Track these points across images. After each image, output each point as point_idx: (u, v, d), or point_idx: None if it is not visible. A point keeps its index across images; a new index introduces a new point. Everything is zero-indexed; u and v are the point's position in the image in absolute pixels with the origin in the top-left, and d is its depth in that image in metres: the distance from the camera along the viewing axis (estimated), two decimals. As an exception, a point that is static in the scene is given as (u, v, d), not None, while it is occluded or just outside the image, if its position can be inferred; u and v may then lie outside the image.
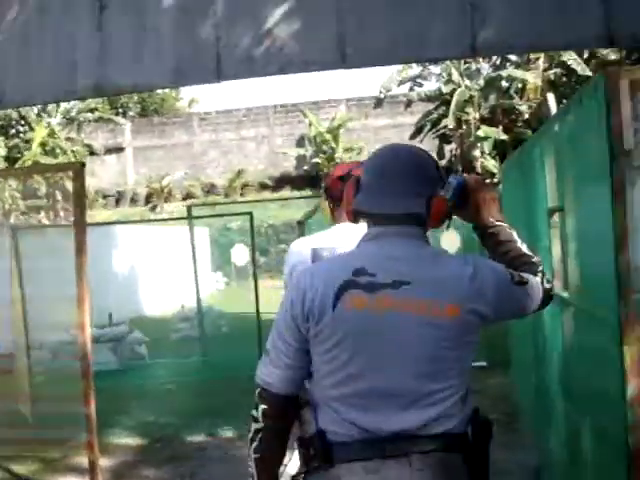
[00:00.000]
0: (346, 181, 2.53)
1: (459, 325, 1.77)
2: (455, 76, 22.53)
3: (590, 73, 20.42)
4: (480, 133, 22.55)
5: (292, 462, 2.55)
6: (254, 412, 1.84)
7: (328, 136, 26.39)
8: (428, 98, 23.87)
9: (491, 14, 7.98)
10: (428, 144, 26.20)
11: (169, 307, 14.42)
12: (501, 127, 23.06)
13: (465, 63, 21.91)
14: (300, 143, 28.98)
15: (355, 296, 1.75)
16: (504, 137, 22.63)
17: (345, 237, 2.47)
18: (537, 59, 21.12)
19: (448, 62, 21.06)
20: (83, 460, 5.34)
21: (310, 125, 26.93)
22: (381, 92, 23.57)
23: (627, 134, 2.40)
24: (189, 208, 10.53)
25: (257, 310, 6.41)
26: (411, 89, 24.23)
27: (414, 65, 21.87)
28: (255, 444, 1.85)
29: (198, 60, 8.82)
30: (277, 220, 22.07)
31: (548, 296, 1.93)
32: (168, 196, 27.52)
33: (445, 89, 23.08)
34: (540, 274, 1.91)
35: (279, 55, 8.47)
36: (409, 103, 24.67)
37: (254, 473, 1.88)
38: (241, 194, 27.34)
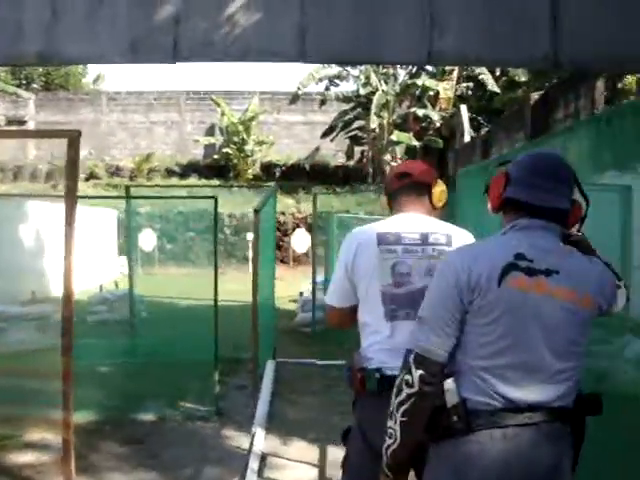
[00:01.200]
0: (401, 180, 2.80)
1: (590, 314, 2.06)
2: (373, 79, 23.07)
3: (498, 90, 21.44)
4: (393, 137, 23.18)
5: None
6: (407, 377, 1.98)
7: (240, 127, 26.37)
8: (345, 98, 24.33)
9: (449, 27, 8.37)
10: (339, 144, 26.72)
11: (77, 288, 14.04)
12: (412, 133, 23.78)
13: (383, 68, 22.47)
14: (210, 132, 28.80)
15: (517, 277, 1.97)
16: (415, 143, 23.36)
17: (404, 224, 2.69)
18: (452, 71, 21.94)
19: (368, 65, 21.53)
20: (39, 437, 5.33)
21: (222, 115, 26.80)
22: (299, 88, 23.84)
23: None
24: (127, 188, 10.38)
25: (215, 298, 6.46)
26: (327, 88, 24.62)
27: (333, 64, 22.22)
28: (405, 407, 1.98)
29: (155, 39, 8.74)
30: (186, 208, 21.87)
31: (627, 299, 2.22)
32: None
33: (363, 91, 23.60)
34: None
35: (239, 42, 8.54)
36: (324, 101, 25.04)
37: (397, 436, 2.02)
38: (147, 179, 26.88)
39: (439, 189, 2.82)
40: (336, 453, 5.15)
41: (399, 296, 2.59)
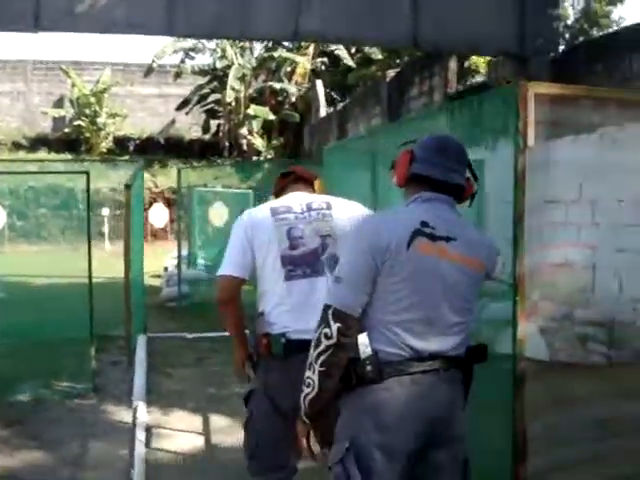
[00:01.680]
0: (286, 177, 3.13)
1: (481, 277, 2.37)
2: (230, 52, 22.94)
3: (353, 64, 22.00)
4: (250, 111, 23.22)
5: None
6: (326, 330, 2.16)
7: (92, 99, 25.42)
8: (201, 71, 24.06)
9: (314, 5, 8.61)
10: (194, 117, 26.40)
11: None
12: (268, 107, 23.92)
13: (240, 41, 22.40)
14: (59, 104, 27.56)
15: (423, 242, 2.21)
16: (272, 117, 23.52)
17: (291, 199, 3.02)
18: (308, 46, 22.21)
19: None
20: None
21: (73, 86, 25.71)
22: (154, 61, 23.34)
23: (530, 134, 3.05)
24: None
25: (90, 274, 6.36)
26: (182, 61, 24.24)
27: (188, 37, 21.90)
28: (323, 357, 2.17)
29: (15, 6, 8.38)
30: (38, 183, 20.93)
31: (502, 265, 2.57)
32: None
33: (219, 64, 23.43)
34: None
35: (103, 14, 8.39)
36: (179, 74, 24.64)
37: (315, 385, 2.20)
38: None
39: (318, 181, 3.19)
40: (217, 421, 5.35)
41: (295, 257, 2.86)
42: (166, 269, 11.89)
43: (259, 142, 23.75)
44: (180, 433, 5.10)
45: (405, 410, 2.19)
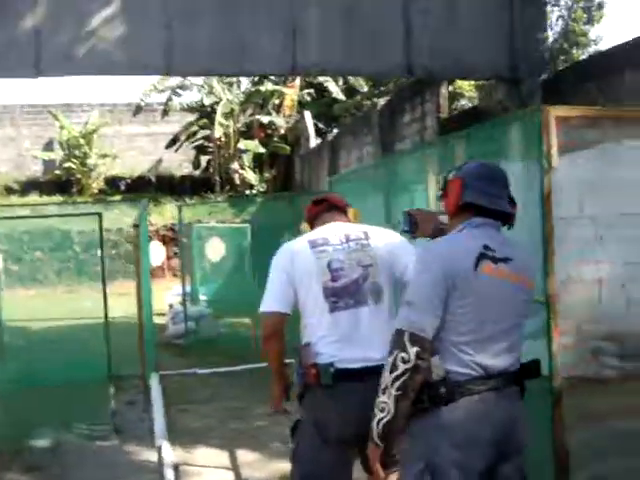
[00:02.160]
0: (318, 205, 3.18)
1: (532, 294, 2.53)
2: (217, 88, 23.12)
3: (342, 95, 22.25)
4: (241, 146, 23.35)
5: None
6: (403, 354, 2.22)
7: (82, 140, 25.49)
8: (189, 108, 24.22)
9: (311, 39, 8.75)
10: (184, 154, 26.52)
11: None
12: (257, 140, 24.08)
13: (227, 76, 22.59)
14: (49, 147, 27.61)
15: (487, 265, 2.33)
16: (262, 150, 23.66)
17: (328, 230, 3.07)
18: (294, 78, 22.42)
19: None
20: None
21: (62, 128, 25.79)
22: (141, 100, 23.49)
23: (554, 155, 3.14)
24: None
25: (106, 314, 6.37)
26: (169, 99, 24.38)
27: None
28: (400, 381, 2.22)
29: (15, 53, 8.47)
30: (30, 226, 20.90)
31: None
32: None
33: (207, 101, 23.60)
34: None
35: (102, 56, 8.49)
36: (166, 112, 24.76)
37: (390, 409, 2.24)
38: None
39: (353, 210, 3.27)
40: (244, 455, 5.35)
41: (337, 289, 2.90)
42: (171, 306, 11.89)
43: (251, 176, 23.85)
44: (208, 469, 5.12)
45: (477, 428, 2.28)
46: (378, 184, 4.89)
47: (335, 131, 22.98)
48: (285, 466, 4.98)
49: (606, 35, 50.74)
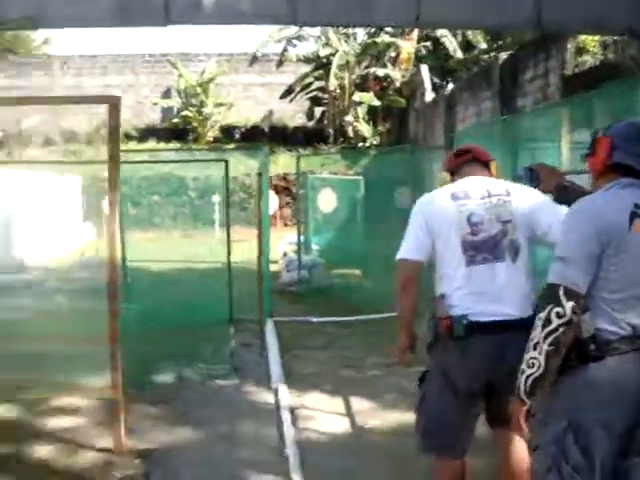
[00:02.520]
0: (460, 156, 3.18)
1: None
2: (333, 39, 23.05)
3: (460, 51, 21.74)
4: (356, 98, 23.28)
5: None
6: (558, 309, 2.23)
7: (198, 89, 26.10)
8: (305, 59, 24.29)
9: (437, -10, 8.46)
10: (298, 105, 26.71)
11: (51, 255, 13.88)
12: (372, 93, 23.93)
13: (352, 27, 22.46)
14: (167, 95, 28.42)
15: (638, 223, 2.30)
16: (377, 103, 23.52)
17: (470, 184, 3.07)
18: (411, 31, 22.05)
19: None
20: (66, 402, 5.40)
21: (180, 77, 26.47)
22: (258, 50, 23.73)
23: None
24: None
25: (228, 260, 6.56)
26: (285, 49, 24.50)
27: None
28: (554, 336, 2.23)
29: (146, 2, 8.67)
30: (149, 172, 21.64)
31: None
32: (26, 141, 26.17)
33: (323, 52, 23.60)
34: None
35: (230, 6, 8.58)
36: (281, 62, 24.92)
37: (541, 364, 2.26)
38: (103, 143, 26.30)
39: (495, 164, 3.25)
40: (357, 403, 5.47)
41: (476, 243, 2.92)
42: (285, 254, 12.15)
43: (365, 128, 23.79)
44: (322, 414, 5.25)
45: (622, 388, 2.27)
46: (506, 139, 4.79)
47: (450, 85, 22.53)
48: (398, 415, 5.13)
49: None
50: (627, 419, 2.28)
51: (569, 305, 2.23)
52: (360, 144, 23.66)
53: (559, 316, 2.23)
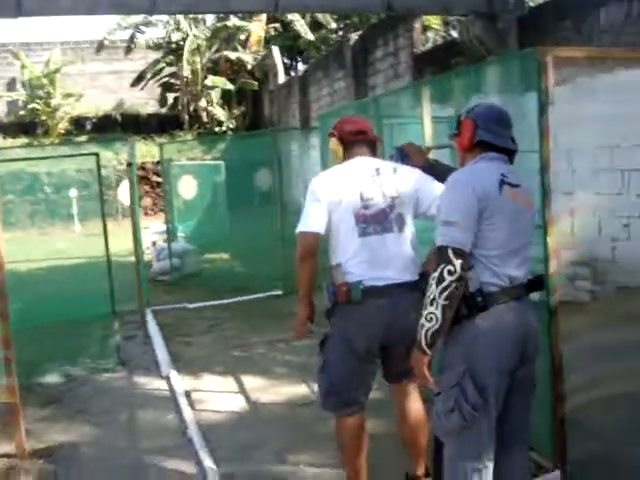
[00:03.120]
0: (356, 135, 3.40)
1: (535, 215, 2.90)
2: (184, 24, 22.81)
3: (311, 36, 22.11)
4: (208, 82, 23.19)
5: None
6: (449, 267, 2.52)
7: (45, 80, 25.05)
8: (155, 45, 23.87)
9: (292, -24, 8.75)
10: (149, 92, 26.25)
11: None
12: (224, 77, 23.92)
13: (212, 14, 22.28)
14: (11, 87, 27.09)
15: (508, 189, 2.69)
16: (230, 87, 23.53)
17: (362, 164, 3.35)
18: (260, 15, 22.18)
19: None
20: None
21: (23, 67, 25.28)
22: (105, 38, 23.10)
23: (551, 92, 3.41)
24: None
25: (107, 254, 6.52)
26: (133, 35, 23.98)
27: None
28: (448, 292, 2.52)
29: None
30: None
31: None
32: None
33: (174, 37, 23.29)
34: None
35: (86, -4, 8.40)
36: (130, 49, 24.38)
37: (438, 317, 2.54)
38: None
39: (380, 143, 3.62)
40: (249, 381, 5.67)
41: (367, 216, 3.22)
42: (154, 243, 12.08)
43: (220, 112, 23.77)
44: (218, 395, 5.41)
45: (506, 333, 2.62)
46: (373, 118, 5.08)
47: (302, 66, 22.93)
48: (289, 388, 5.40)
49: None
50: (512, 361, 2.64)
51: (458, 263, 2.53)
52: (216, 128, 23.63)
53: (450, 273, 2.52)
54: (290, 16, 21.37)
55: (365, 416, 3.39)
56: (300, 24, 21.53)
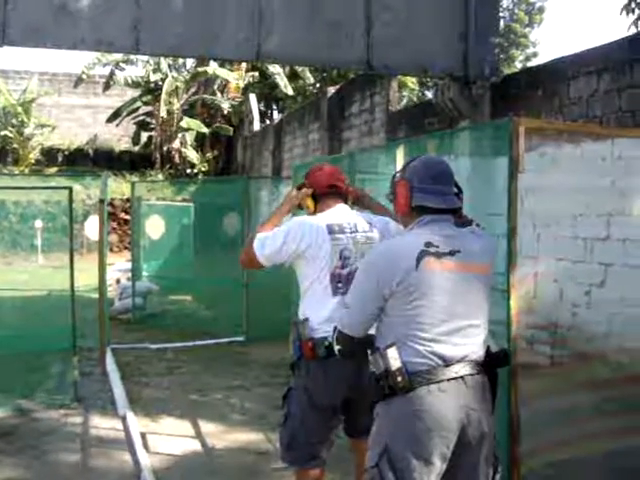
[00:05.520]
0: (329, 188, 3.43)
1: (489, 278, 2.69)
2: (164, 66, 23.03)
3: (291, 90, 22.43)
4: (183, 124, 23.33)
5: None
6: (337, 347, 2.74)
7: (19, 109, 24.99)
8: (133, 83, 24.01)
9: (275, 27, 9.01)
10: (124, 129, 26.31)
11: None
12: (199, 119, 24.12)
13: (193, 58, 22.52)
14: (-17, 114, 26.96)
15: (429, 260, 2.48)
16: (205, 130, 23.70)
17: (340, 217, 3.35)
18: (240, 63, 22.50)
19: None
20: None
21: (-2, 94, 25.24)
22: (84, 72, 23.19)
23: (522, 161, 3.53)
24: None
25: (72, 287, 6.40)
26: (112, 72, 24.12)
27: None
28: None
29: (-19, 20, 8.42)
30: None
31: None
32: None
33: (153, 77, 23.48)
34: None
35: (72, 30, 8.55)
36: (108, 85, 24.50)
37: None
38: None
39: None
40: (205, 426, 5.63)
41: (343, 276, 3.24)
42: (118, 281, 11.98)
43: (193, 155, 23.88)
44: (173, 438, 5.35)
45: (435, 418, 2.43)
46: (345, 173, 5.18)
47: (277, 115, 23.18)
48: (245, 435, 5.38)
49: (545, 38, 52.27)
50: (446, 447, 2.44)
51: (337, 348, 2.75)
52: (188, 170, 23.71)
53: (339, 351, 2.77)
54: (271, 68, 21.66)
55: (325, 470, 3.40)
56: (280, 77, 21.82)
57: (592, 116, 7.41)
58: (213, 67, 22.89)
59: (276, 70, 21.66)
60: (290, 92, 22.03)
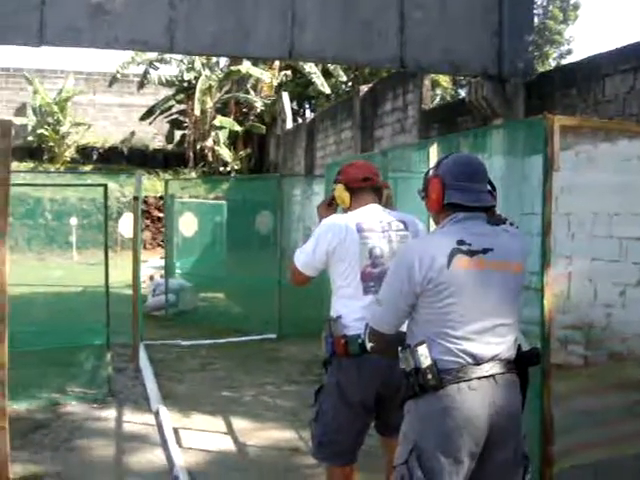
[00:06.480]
0: (364, 182, 3.41)
1: (521, 278, 2.66)
2: (197, 64, 23.19)
3: (327, 89, 22.41)
4: (216, 122, 23.47)
5: None
6: (370, 345, 2.72)
7: (55, 107, 25.37)
8: (167, 82, 24.22)
9: (308, 25, 9.02)
10: (157, 127, 26.54)
11: None
12: (232, 118, 24.26)
13: (227, 57, 22.67)
14: (21, 112, 27.39)
15: (462, 259, 2.47)
16: (238, 128, 23.83)
17: (372, 215, 3.33)
18: (273, 61, 22.58)
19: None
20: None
21: (35, 93, 25.61)
22: (118, 71, 23.45)
23: (557, 159, 3.50)
24: None
25: (106, 285, 6.48)
26: (147, 71, 24.35)
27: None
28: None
29: (20, 20, 8.62)
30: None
31: None
32: None
33: (187, 76, 23.67)
34: None
35: (106, 30, 8.64)
36: (143, 84, 24.73)
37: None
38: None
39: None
40: (238, 422, 5.66)
41: (374, 275, 3.21)
42: (151, 278, 12.11)
43: (226, 153, 24.03)
44: (206, 434, 5.38)
45: (465, 416, 2.43)
46: (382, 171, 5.18)
47: (310, 113, 23.23)
48: (277, 432, 5.39)
49: (579, 35, 51.61)
50: (475, 445, 2.44)
51: (369, 346, 2.74)
52: (221, 168, 23.86)
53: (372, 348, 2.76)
54: (307, 68, 21.66)
55: (354, 468, 3.40)
56: (317, 76, 21.79)
57: (628, 114, 7.32)
58: (246, 66, 22.99)
59: (312, 70, 21.65)
60: (327, 91, 22.00)
